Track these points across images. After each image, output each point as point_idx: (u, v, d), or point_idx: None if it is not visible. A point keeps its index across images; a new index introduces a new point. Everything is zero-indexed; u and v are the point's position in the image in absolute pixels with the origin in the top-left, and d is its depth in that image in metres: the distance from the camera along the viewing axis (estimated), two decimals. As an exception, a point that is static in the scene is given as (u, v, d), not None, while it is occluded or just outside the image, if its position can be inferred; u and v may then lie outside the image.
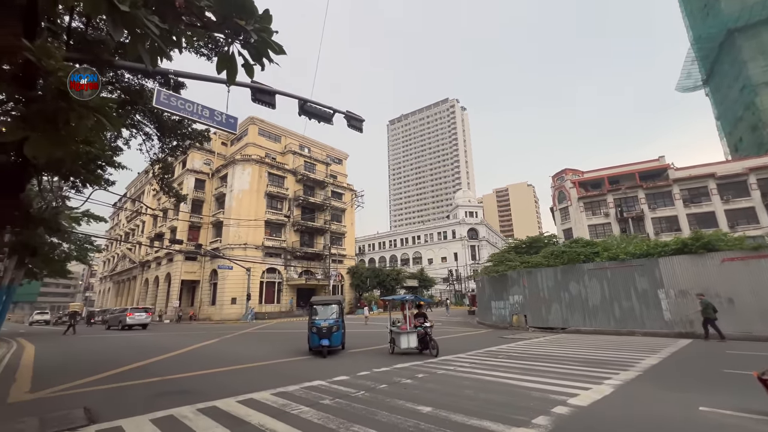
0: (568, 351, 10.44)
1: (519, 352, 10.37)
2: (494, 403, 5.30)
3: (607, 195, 45.65)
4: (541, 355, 9.83)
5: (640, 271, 15.16)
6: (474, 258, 67.88)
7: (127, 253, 51.81)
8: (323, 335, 10.40)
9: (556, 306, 17.43)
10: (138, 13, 2.76)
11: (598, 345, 11.59)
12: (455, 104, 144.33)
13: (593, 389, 5.92)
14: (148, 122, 10.91)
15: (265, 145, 44.46)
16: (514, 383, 6.52)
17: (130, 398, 6.22)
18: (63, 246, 22.13)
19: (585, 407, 5.03)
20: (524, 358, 9.37)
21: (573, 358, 9.07)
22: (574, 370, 7.53)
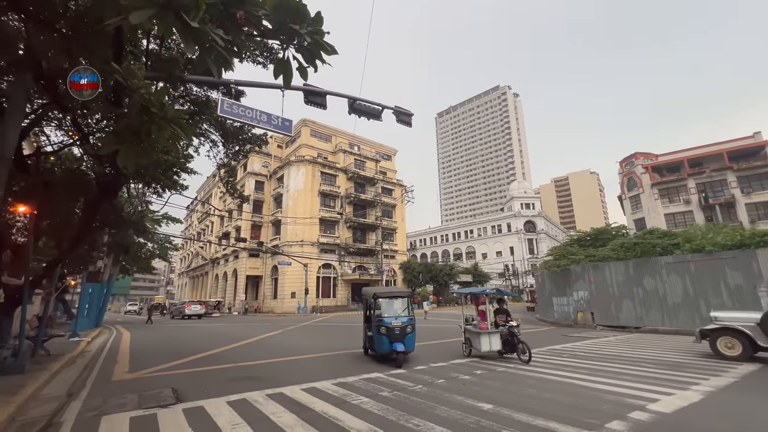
0: (645, 352, 9.51)
1: (587, 352, 9.68)
2: (561, 404, 5.00)
3: (687, 179, 40.81)
4: (612, 355, 9.08)
5: (732, 265, 13.32)
6: (532, 252, 64.56)
7: (199, 251, 57.07)
8: (396, 337, 8.22)
9: (628, 303, 15.96)
10: (206, 28, 2.99)
11: (681, 347, 10.41)
12: (507, 91, 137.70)
13: (677, 395, 5.33)
14: (213, 130, 11.87)
15: (317, 145, 46.14)
16: (583, 384, 6.10)
17: (208, 382, 6.86)
18: (148, 245, 25.02)
19: (668, 414, 4.55)
20: (593, 358, 8.72)
21: (651, 360, 8.25)
22: (653, 373, 6.85)
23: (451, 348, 10.98)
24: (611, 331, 15.41)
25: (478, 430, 4.14)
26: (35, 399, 5.94)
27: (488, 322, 9.13)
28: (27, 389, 6.04)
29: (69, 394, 6.26)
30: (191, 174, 10.63)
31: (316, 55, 3.71)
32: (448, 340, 12.85)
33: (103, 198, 7.58)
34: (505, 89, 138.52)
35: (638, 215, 44.28)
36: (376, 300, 8.88)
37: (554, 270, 19.17)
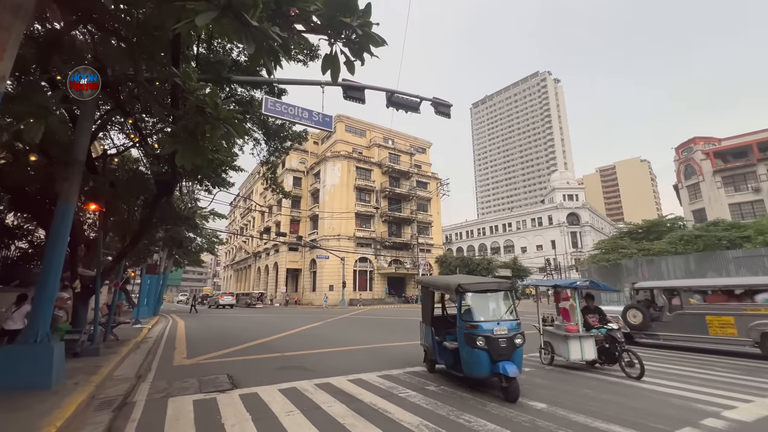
0: (713, 354, 8.75)
1: (648, 353, 9.06)
2: (622, 407, 4.72)
3: (756, 165, 36.97)
4: (676, 356, 8.44)
5: (815, 260, 11.89)
6: (576, 246, 61.51)
7: (242, 245, 59.96)
8: (501, 354, 5.22)
9: (687, 300, 14.76)
10: (264, 27, 3.05)
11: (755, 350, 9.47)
12: (547, 77, 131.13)
13: (756, 402, 4.85)
14: (256, 129, 12.32)
15: (352, 140, 46.61)
16: (646, 387, 5.71)
17: (259, 369, 7.18)
18: (197, 240, 26.65)
19: (748, 423, 4.14)
20: (656, 359, 8.15)
21: (721, 364, 7.58)
22: (726, 377, 6.28)
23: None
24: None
25: (533, 429, 4.00)
26: (110, 379, 6.52)
27: (577, 323, 7.19)
28: (103, 370, 6.65)
29: (138, 376, 6.81)
30: (238, 171, 11.13)
31: (364, 47, 3.69)
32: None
33: (161, 195, 8.13)
34: (545, 75, 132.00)
35: (697, 205, 40.82)
36: (463, 294, 5.79)
37: (603, 264, 18.13)
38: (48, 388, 5.15)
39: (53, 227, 5.76)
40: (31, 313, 5.65)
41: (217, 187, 11.29)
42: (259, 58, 3.55)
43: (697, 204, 40.93)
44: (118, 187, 9.51)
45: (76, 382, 5.68)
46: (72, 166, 6.02)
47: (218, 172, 10.20)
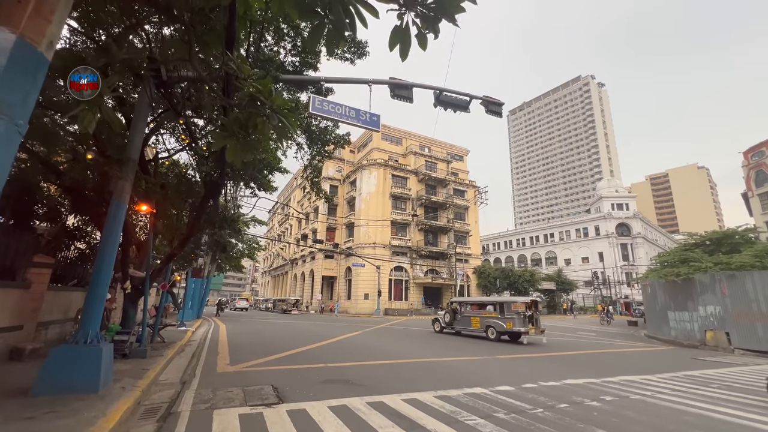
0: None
1: (742, 383, 7.68)
2: None
3: None
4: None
5: None
6: (626, 258, 57.18)
7: (279, 251, 61.35)
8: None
9: (780, 323, 12.75)
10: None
11: None
12: (590, 81, 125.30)
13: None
14: (300, 133, 12.21)
15: (388, 148, 46.49)
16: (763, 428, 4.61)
17: (304, 381, 6.73)
18: (238, 245, 27.31)
19: None
20: (756, 393, 6.82)
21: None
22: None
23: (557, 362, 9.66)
24: (756, 356, 12.42)
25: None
26: (156, 384, 6.33)
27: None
28: (150, 374, 6.49)
29: (182, 381, 6.59)
30: (284, 173, 11.00)
31: (443, 11, 3.16)
32: (551, 354, 11.45)
33: (208, 197, 8.07)
34: (588, 79, 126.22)
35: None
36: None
37: (672, 279, 16.23)
38: (95, 391, 4.96)
39: (106, 225, 5.70)
40: (82, 312, 5.56)
41: (262, 189, 11.22)
42: (317, 37, 3.10)
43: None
44: (168, 189, 9.63)
45: (123, 386, 5.50)
46: (126, 164, 5.98)
47: (264, 174, 10.11)
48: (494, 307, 15.55)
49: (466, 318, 16.52)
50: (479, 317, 15.78)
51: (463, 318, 16.71)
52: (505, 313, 14.73)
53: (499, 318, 14.92)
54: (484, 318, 15.57)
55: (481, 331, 15.55)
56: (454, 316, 17.20)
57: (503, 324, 14.61)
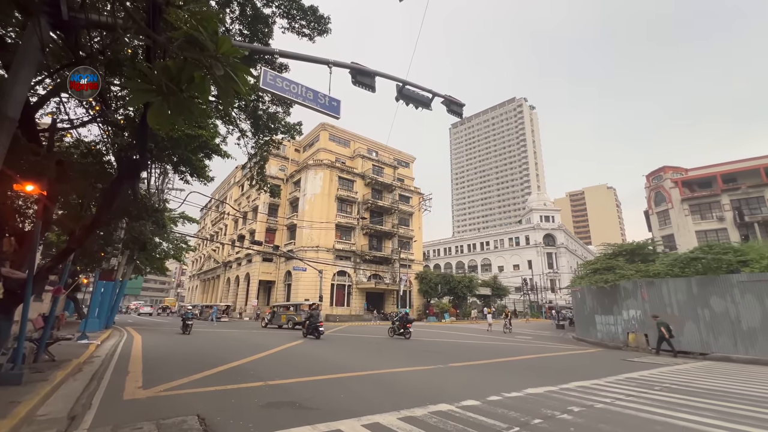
0: (751, 387, 7.89)
1: (679, 384, 8.10)
2: None
3: (720, 195, 38.76)
4: (715, 391, 7.49)
5: (825, 286, 11.63)
6: (551, 266, 62.28)
7: (212, 253, 56.39)
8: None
9: (690, 325, 14.24)
10: None
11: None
12: (523, 103, 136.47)
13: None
14: (244, 118, 10.82)
15: (335, 150, 45.34)
16: None
17: (241, 406, 5.54)
18: (163, 245, 24.10)
19: None
20: (696, 393, 7.15)
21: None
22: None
23: (511, 369, 9.50)
24: (670, 356, 13.70)
25: None
26: (29, 423, 4.70)
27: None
28: (20, 409, 4.82)
29: (72, 417, 5.01)
30: (225, 158, 9.49)
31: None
32: (503, 359, 11.35)
33: (124, 178, 6.46)
34: (521, 101, 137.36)
35: (666, 231, 42.23)
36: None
37: (601, 285, 17.49)
38: None
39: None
40: None
41: (195, 176, 9.57)
42: None
43: (667, 230, 42.34)
44: (71, 171, 7.69)
45: (-29, 431, 3.90)
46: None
47: (198, 157, 8.57)
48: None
49: (278, 316, 26.19)
50: (285, 314, 25.71)
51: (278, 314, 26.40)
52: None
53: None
54: (287, 314, 25.66)
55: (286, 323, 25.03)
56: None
57: None
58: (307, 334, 17.76)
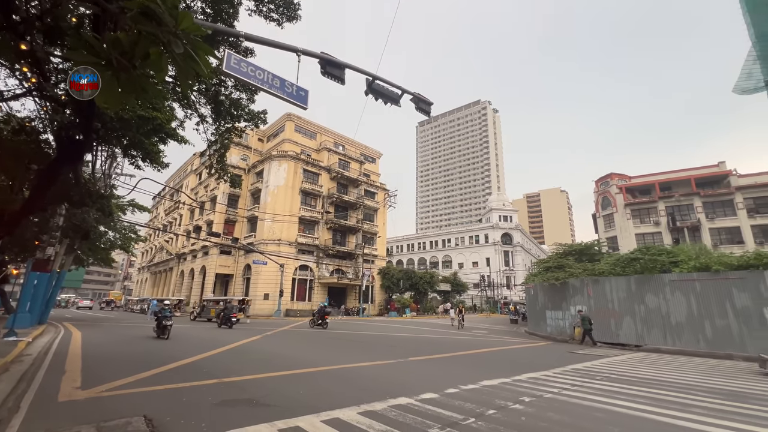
0: (676, 375, 8.78)
1: (617, 374, 8.81)
2: None
3: (657, 202, 42.42)
4: (647, 379, 8.24)
5: (739, 285, 13.10)
6: (507, 264, 65.19)
7: (164, 245, 53.16)
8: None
9: (628, 320, 15.54)
10: None
11: (703, 369, 9.84)
12: (487, 106, 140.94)
13: None
14: (204, 102, 10.23)
15: (301, 141, 44.30)
16: (664, 420, 5.09)
17: (193, 406, 5.28)
18: (109, 234, 22.31)
19: None
20: (631, 382, 7.83)
21: (695, 386, 7.46)
22: (720, 405, 5.99)
23: (467, 363, 9.83)
24: (611, 348, 14.88)
25: None
26: (-59, 430, 4.17)
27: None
28: (-70, 415, 4.26)
29: (-6, 422, 4.52)
30: (181, 144, 8.89)
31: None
32: (461, 353, 11.71)
33: (64, 161, 5.85)
34: (486, 104, 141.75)
35: (611, 233, 45.55)
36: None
37: (552, 283, 18.58)
38: None
39: None
40: None
41: (148, 161, 8.87)
42: None
43: (611, 232, 45.68)
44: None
45: None
46: None
47: (152, 140, 7.95)
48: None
49: (207, 310, 26.96)
50: (213, 308, 26.35)
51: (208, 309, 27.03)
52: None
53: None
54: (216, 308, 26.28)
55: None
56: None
57: None
58: (221, 324, 19.95)
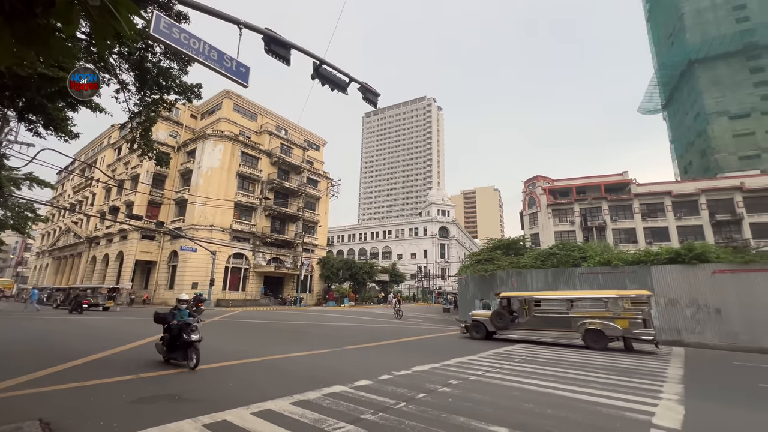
0: (580, 356, 10.04)
1: (532, 357, 9.81)
2: (573, 423, 4.51)
3: (574, 204, 47.41)
4: (557, 360, 9.31)
5: (632, 278, 15.30)
6: (443, 256, 68.46)
7: (72, 227, 46.64)
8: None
9: (544, 308, 17.31)
10: None
11: (602, 350, 11.38)
12: (432, 103, 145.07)
13: (663, 405, 5.31)
14: (127, 68, 9.08)
15: (240, 122, 41.58)
16: (567, 395, 5.80)
17: (103, 405, 4.77)
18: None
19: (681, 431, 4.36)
20: (544, 363, 8.78)
21: (594, 365, 8.61)
22: (612, 380, 6.99)
23: (401, 349, 10.19)
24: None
25: None
26: None
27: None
28: None
29: None
30: (95, 112, 7.75)
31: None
32: (395, 341, 12.06)
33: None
34: (431, 101, 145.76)
35: (535, 230, 50.07)
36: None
37: (482, 274, 19.96)
38: None
39: None
40: None
41: (52, 130, 7.56)
42: None
43: (535, 229, 50.23)
44: None
45: None
46: None
47: (58, 105, 6.83)
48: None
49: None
50: None
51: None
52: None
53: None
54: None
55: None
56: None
57: None
58: (72, 311, 21.36)
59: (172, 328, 7.25)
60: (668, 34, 65.97)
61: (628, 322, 11.34)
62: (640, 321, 11.30)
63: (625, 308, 11.58)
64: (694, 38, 59.38)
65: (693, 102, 61.72)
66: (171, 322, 7.29)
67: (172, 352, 7.30)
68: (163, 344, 7.48)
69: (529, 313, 13.22)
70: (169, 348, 7.34)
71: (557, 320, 12.63)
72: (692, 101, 61.97)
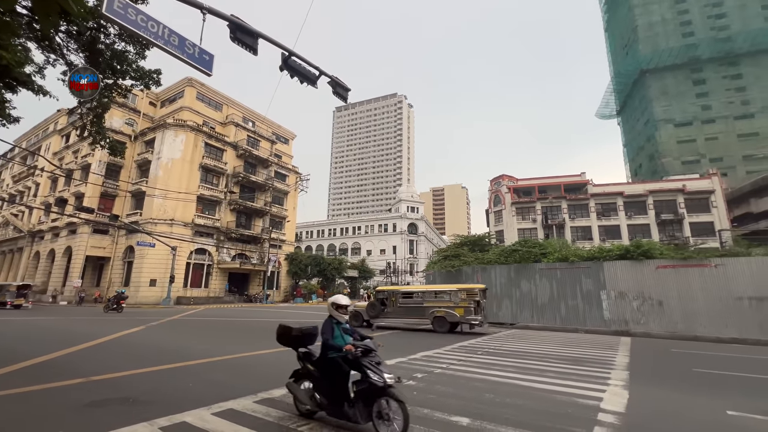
0: (538, 347, 10.57)
1: (494, 349, 10.21)
2: (530, 410, 4.76)
3: (536, 202, 49.50)
4: (517, 351, 9.76)
5: (586, 273, 16.28)
6: (412, 252, 69.33)
7: (11, 219, 42.70)
8: None
9: (507, 302, 18.05)
10: None
11: (558, 341, 12.04)
12: (403, 100, 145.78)
13: (610, 391, 5.73)
14: (76, 49, 8.42)
15: (204, 111, 39.76)
16: (525, 384, 6.11)
17: (50, 411, 4.45)
18: None
19: (628, 414, 4.72)
20: (505, 354, 9.17)
21: (550, 355, 9.11)
22: (566, 369, 7.44)
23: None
24: (493, 327, 17.15)
25: None
26: None
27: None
28: None
29: None
30: (38, 95, 7.11)
31: None
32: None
33: None
34: (402, 98, 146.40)
35: (499, 228, 51.84)
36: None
37: (449, 270, 20.44)
38: None
39: None
40: None
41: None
42: None
43: (500, 226, 51.99)
44: None
45: None
46: None
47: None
48: None
49: None
50: None
51: None
52: None
53: None
54: None
55: None
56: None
57: None
58: None
59: (332, 359, 3.92)
60: (624, 44, 70.35)
61: (463, 309, 13.74)
62: (472, 309, 13.63)
63: (462, 299, 13.88)
64: (646, 49, 63.73)
65: (644, 109, 66.39)
66: (330, 343, 3.96)
67: (341, 404, 3.83)
68: (319, 389, 4.08)
69: (395, 305, 15.31)
70: (333, 396, 3.92)
71: (415, 310, 14.92)
72: (643, 108, 66.65)
